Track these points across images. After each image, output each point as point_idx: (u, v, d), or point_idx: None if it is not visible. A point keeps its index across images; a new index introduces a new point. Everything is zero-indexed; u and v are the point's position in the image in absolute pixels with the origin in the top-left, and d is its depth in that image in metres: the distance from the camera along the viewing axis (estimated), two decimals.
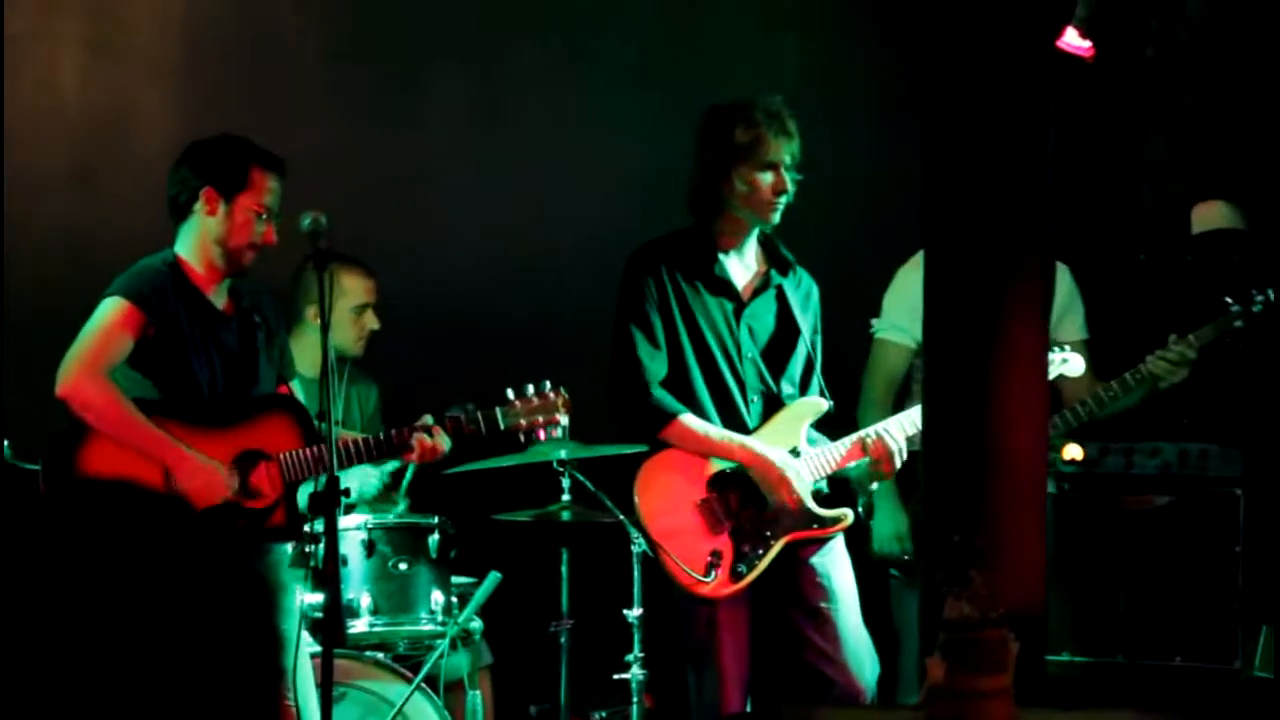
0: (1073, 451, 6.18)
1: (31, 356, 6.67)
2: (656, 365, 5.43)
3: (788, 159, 5.46)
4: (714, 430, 5.41)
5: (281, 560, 5.11)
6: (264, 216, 5.17)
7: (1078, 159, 7.12)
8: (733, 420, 5.46)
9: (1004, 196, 4.31)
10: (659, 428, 5.41)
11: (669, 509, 5.44)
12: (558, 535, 6.24)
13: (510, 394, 5.32)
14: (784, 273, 5.59)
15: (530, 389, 5.32)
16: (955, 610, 3.42)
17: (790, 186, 5.47)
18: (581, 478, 5.94)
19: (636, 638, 5.83)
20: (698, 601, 5.43)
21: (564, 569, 6.22)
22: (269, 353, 5.22)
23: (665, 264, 5.48)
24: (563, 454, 5.91)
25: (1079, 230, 6.97)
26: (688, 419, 5.41)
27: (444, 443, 5.23)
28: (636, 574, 5.80)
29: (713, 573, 5.38)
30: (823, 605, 5.48)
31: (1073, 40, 6.65)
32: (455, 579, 6.12)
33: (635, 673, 5.84)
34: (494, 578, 5.98)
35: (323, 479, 4.75)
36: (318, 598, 5.88)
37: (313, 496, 4.81)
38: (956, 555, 3.55)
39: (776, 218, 5.51)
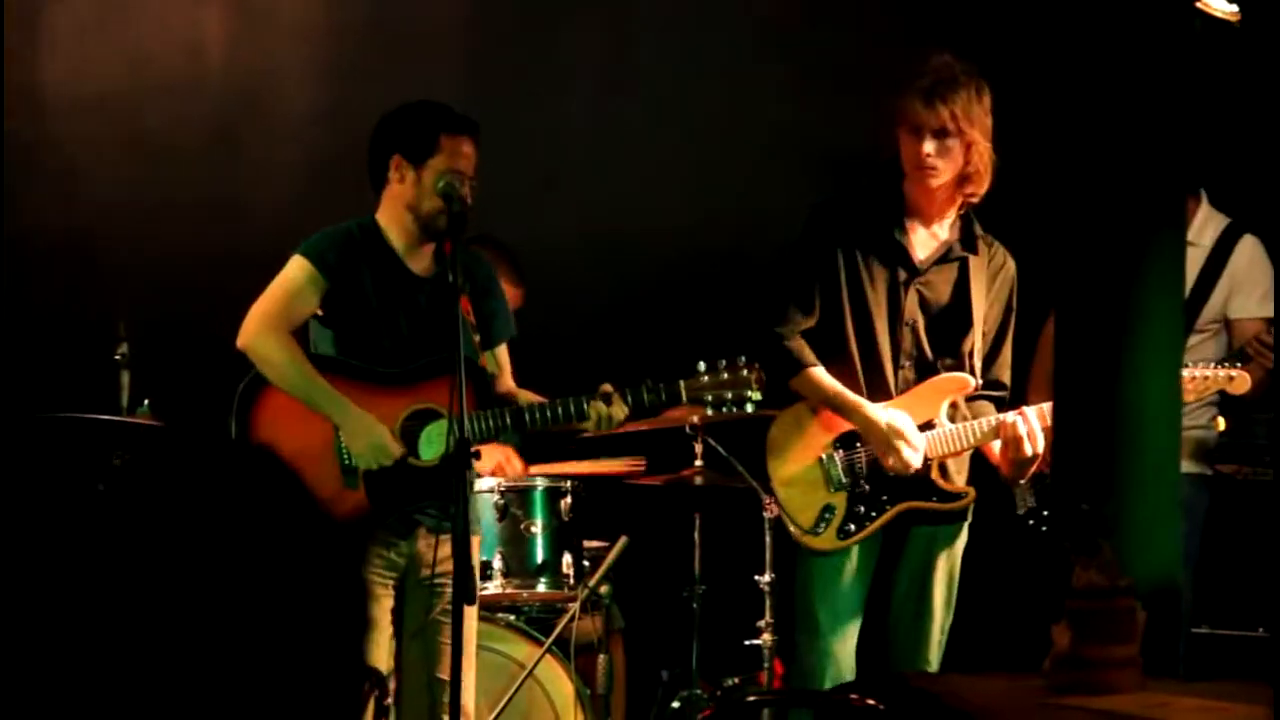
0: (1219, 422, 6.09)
1: (175, 317, 6.83)
2: (800, 316, 5.38)
3: (934, 124, 5.33)
4: (836, 388, 5.36)
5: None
6: (457, 180, 5.11)
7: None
8: (878, 384, 5.40)
9: (1137, 160, 4.22)
10: (788, 375, 5.39)
11: (793, 458, 5.42)
12: (690, 500, 6.25)
13: (701, 366, 5.19)
14: (972, 249, 5.47)
15: (722, 362, 5.20)
16: (1083, 578, 3.36)
17: (931, 154, 5.29)
18: (714, 443, 5.93)
19: (768, 604, 5.83)
20: (806, 555, 5.40)
21: (696, 534, 6.23)
22: (469, 316, 5.18)
23: (843, 221, 5.42)
24: (695, 419, 5.91)
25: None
26: (815, 372, 5.37)
27: (620, 412, 5.10)
28: (768, 540, 5.80)
29: (821, 527, 5.35)
30: (915, 591, 5.44)
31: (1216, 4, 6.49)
32: (586, 543, 6.12)
33: (766, 639, 5.84)
34: (624, 542, 5.98)
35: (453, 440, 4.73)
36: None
37: (444, 458, 4.82)
38: (1085, 523, 3.49)
39: (933, 184, 5.35)
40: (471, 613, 5.12)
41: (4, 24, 6.90)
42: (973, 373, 5.42)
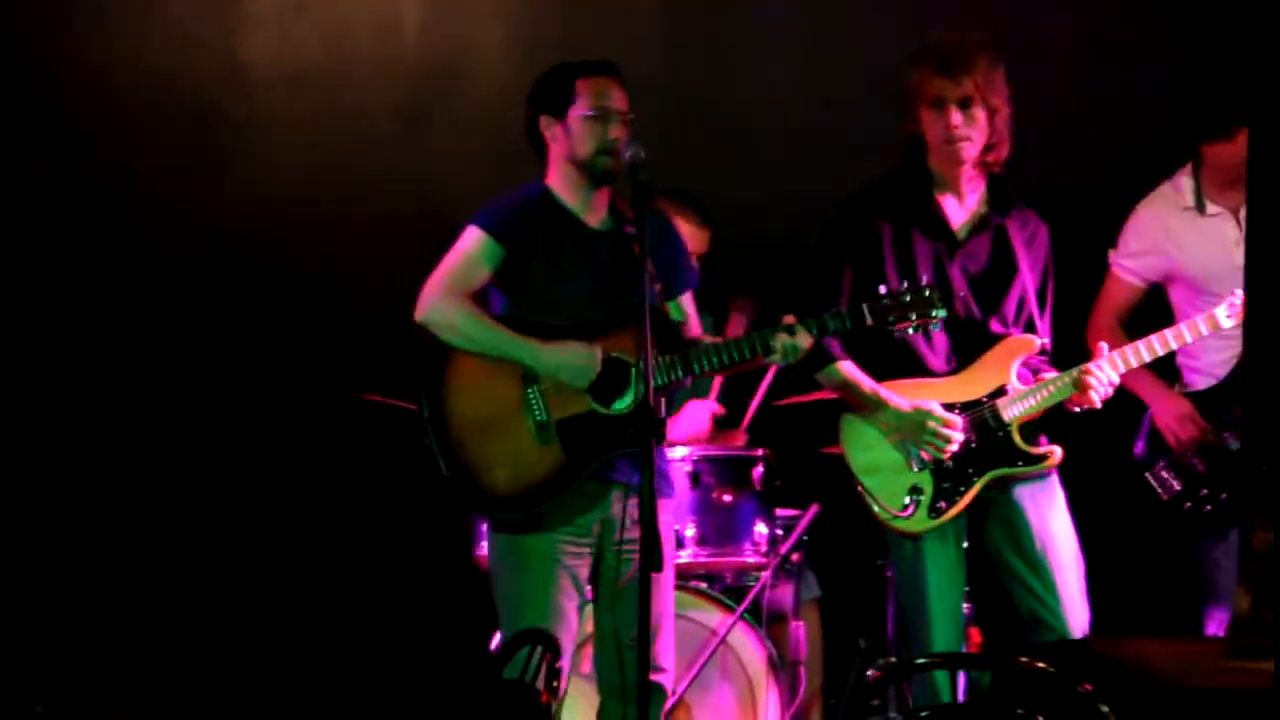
0: None
1: (367, 292, 6.96)
2: (832, 300, 5.33)
3: (958, 95, 5.32)
4: (864, 381, 5.36)
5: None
6: (603, 118, 5.17)
7: None
8: (938, 358, 5.39)
9: None
10: (815, 367, 5.37)
11: (872, 443, 5.39)
12: None
13: (882, 289, 5.15)
14: (1005, 213, 5.46)
15: (905, 284, 5.16)
16: (1261, 541, 3.32)
17: (958, 124, 5.32)
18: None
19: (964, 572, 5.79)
20: (902, 537, 5.36)
21: None
22: (647, 268, 5.22)
23: (878, 209, 5.42)
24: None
25: None
26: (842, 366, 5.36)
27: (804, 341, 5.07)
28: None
29: (912, 509, 5.30)
30: (1036, 548, 5.35)
31: None
32: (780, 511, 6.14)
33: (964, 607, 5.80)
34: (815, 511, 5.98)
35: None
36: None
37: (635, 409, 4.87)
38: (1266, 485, 3.44)
39: (964, 156, 5.37)
40: (667, 579, 5.17)
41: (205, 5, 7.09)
42: (1029, 332, 5.40)
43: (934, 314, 5.12)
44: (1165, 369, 5.96)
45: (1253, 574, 3.32)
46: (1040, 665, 3.58)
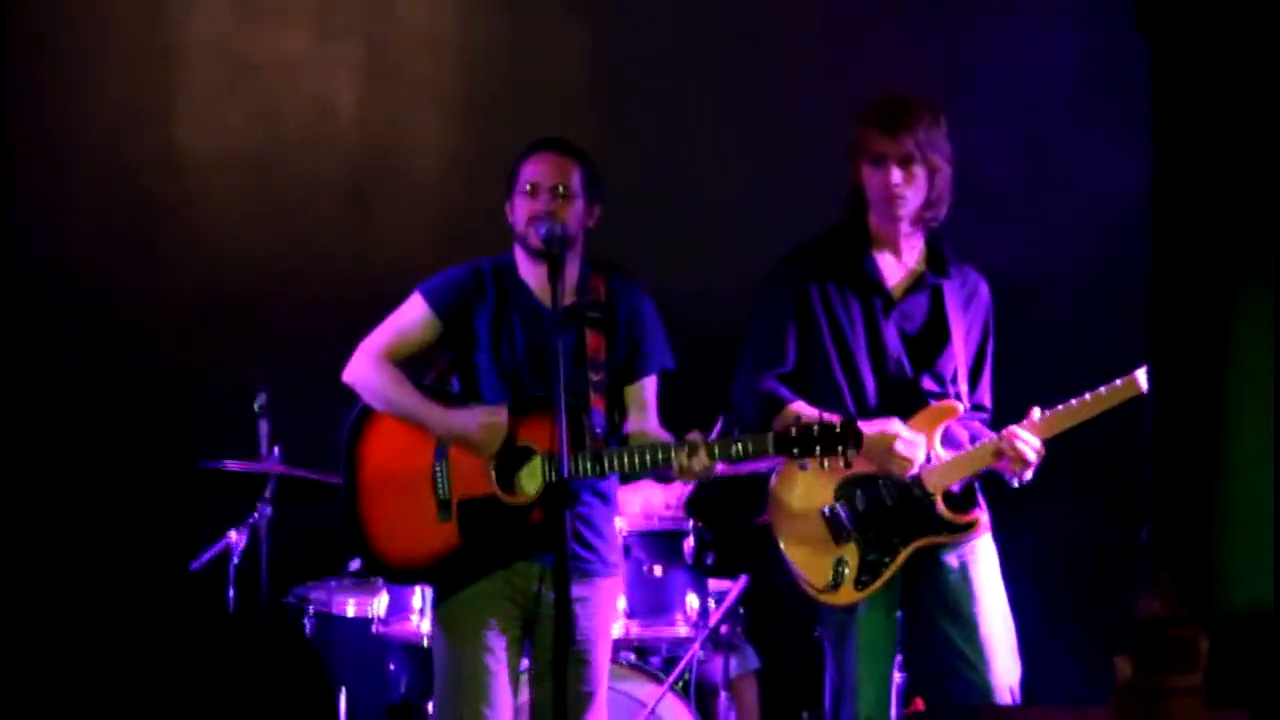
0: None
1: (312, 367, 6.98)
2: (772, 367, 5.35)
3: (898, 153, 5.31)
4: (819, 417, 5.30)
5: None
6: (532, 193, 5.18)
7: None
8: (867, 415, 5.33)
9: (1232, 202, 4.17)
10: (768, 414, 5.31)
11: (796, 517, 5.37)
12: None
13: (799, 418, 5.04)
14: (943, 273, 5.47)
15: (819, 420, 5.02)
16: (1145, 608, 3.33)
17: (898, 183, 5.31)
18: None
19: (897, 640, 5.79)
20: (833, 607, 5.36)
21: None
22: (600, 351, 5.22)
23: (812, 265, 5.41)
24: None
25: None
26: (795, 407, 5.28)
27: (699, 464, 5.00)
28: (897, 577, 5.77)
29: (838, 582, 5.30)
30: (964, 607, 5.36)
31: None
32: (714, 583, 6.15)
33: (895, 677, 5.79)
34: (744, 581, 6.00)
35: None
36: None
37: (544, 491, 4.89)
38: (1147, 553, 3.46)
39: (902, 213, 5.36)
40: (603, 655, 5.18)
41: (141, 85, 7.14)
42: (958, 397, 5.39)
43: (844, 452, 5.01)
44: None
45: (1136, 641, 3.33)
46: None
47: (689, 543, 6.05)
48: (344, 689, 6.22)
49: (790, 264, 5.46)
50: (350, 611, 6.34)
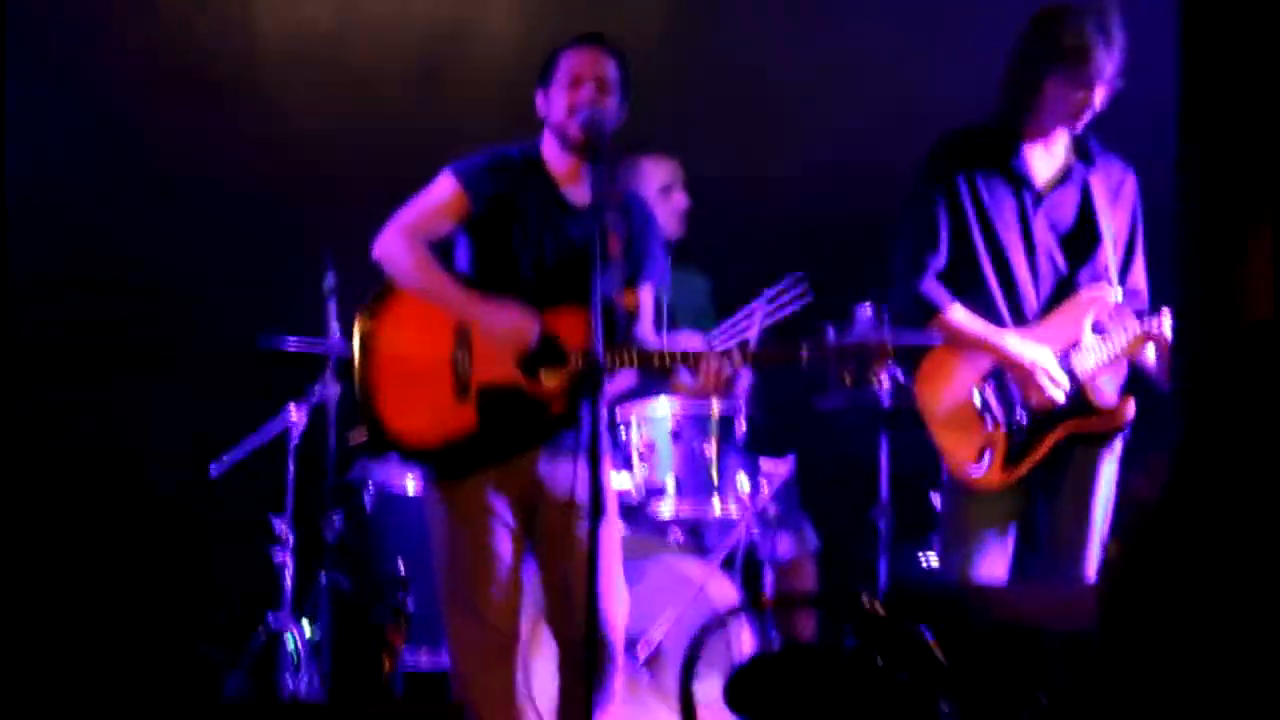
0: None
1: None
2: (929, 257, 5.35)
3: (1107, 73, 5.26)
4: (977, 326, 5.31)
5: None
6: (575, 85, 5.18)
7: None
8: (1020, 312, 5.35)
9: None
10: (925, 319, 5.35)
11: (946, 396, 5.38)
12: (876, 420, 6.26)
13: (831, 334, 5.02)
14: (1090, 162, 5.43)
15: (851, 338, 5.00)
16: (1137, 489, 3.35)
17: (1099, 105, 5.29)
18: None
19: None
20: (963, 489, 5.36)
21: (882, 454, 6.25)
22: (619, 252, 5.25)
23: (962, 156, 5.39)
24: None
25: None
26: (953, 312, 5.32)
27: (729, 368, 5.01)
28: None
29: (984, 463, 5.30)
30: (1081, 498, 5.32)
31: None
32: (765, 463, 6.18)
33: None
34: (791, 461, 6.03)
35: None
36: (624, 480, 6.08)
37: (575, 377, 4.91)
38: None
39: (1080, 127, 5.35)
40: (612, 536, 5.16)
41: None
42: (1110, 285, 5.33)
43: (874, 368, 4.98)
44: None
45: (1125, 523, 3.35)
46: (879, 608, 3.63)
47: (740, 424, 6.09)
48: (401, 560, 6.27)
49: (940, 154, 5.43)
50: (410, 489, 6.43)
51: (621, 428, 6.27)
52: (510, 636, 5.09)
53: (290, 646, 6.35)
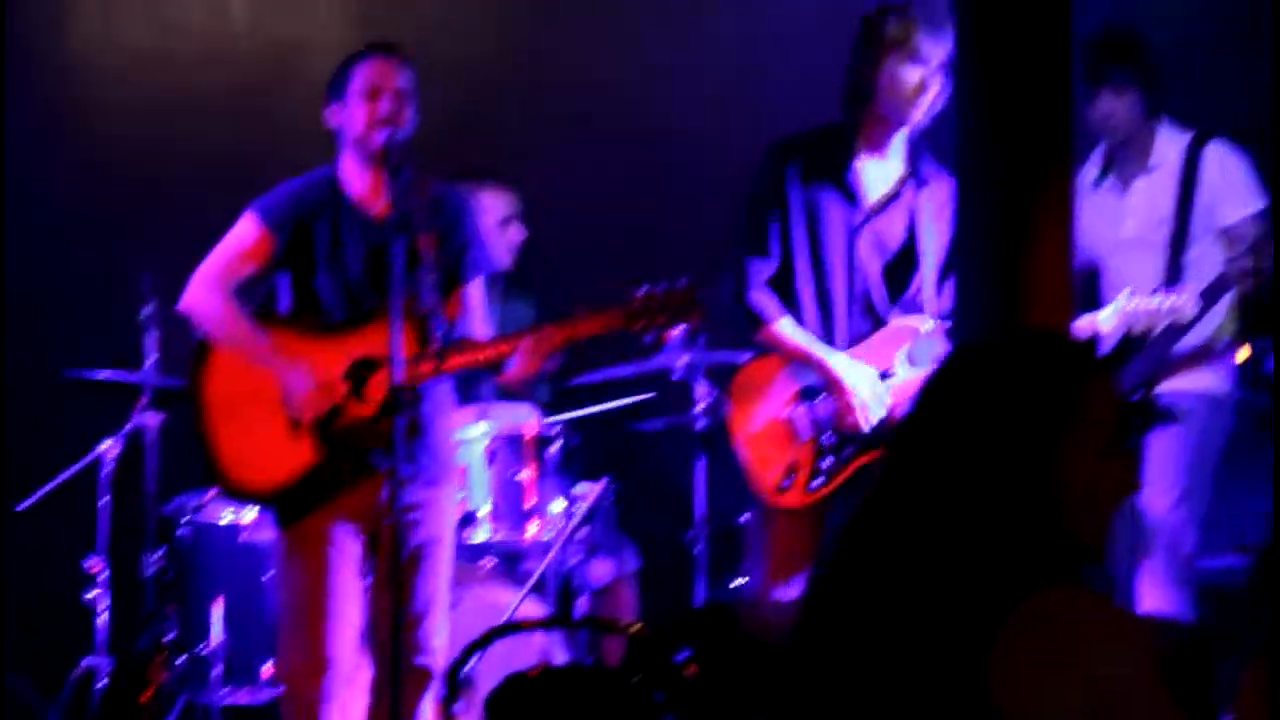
0: (1243, 354, 5.98)
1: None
2: (759, 267, 5.36)
3: (937, 58, 5.29)
4: (805, 340, 5.31)
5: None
6: (374, 96, 5.15)
7: None
8: (831, 330, 5.36)
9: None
10: (753, 329, 5.36)
11: (757, 412, 5.38)
12: (692, 443, 6.27)
13: (640, 292, 4.99)
14: (921, 182, 5.44)
15: (659, 288, 4.98)
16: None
17: (935, 87, 5.31)
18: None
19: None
20: (768, 509, 5.37)
21: (698, 477, 6.26)
22: (432, 255, 5.20)
23: (797, 160, 5.38)
24: (684, 359, 5.96)
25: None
26: (782, 325, 5.33)
27: (543, 353, 4.97)
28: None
29: (788, 483, 5.31)
30: None
31: None
32: (579, 487, 6.19)
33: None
34: (604, 484, 6.04)
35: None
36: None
37: (384, 400, 4.89)
38: None
39: (919, 116, 5.37)
40: (441, 562, 5.17)
41: None
42: (923, 312, 5.36)
43: (682, 317, 4.97)
44: None
45: None
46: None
47: (555, 447, 6.09)
48: (222, 598, 6.23)
49: (776, 157, 5.41)
50: (224, 520, 6.36)
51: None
52: (349, 670, 5.06)
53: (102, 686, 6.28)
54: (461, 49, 7.24)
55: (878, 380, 5.27)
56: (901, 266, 5.39)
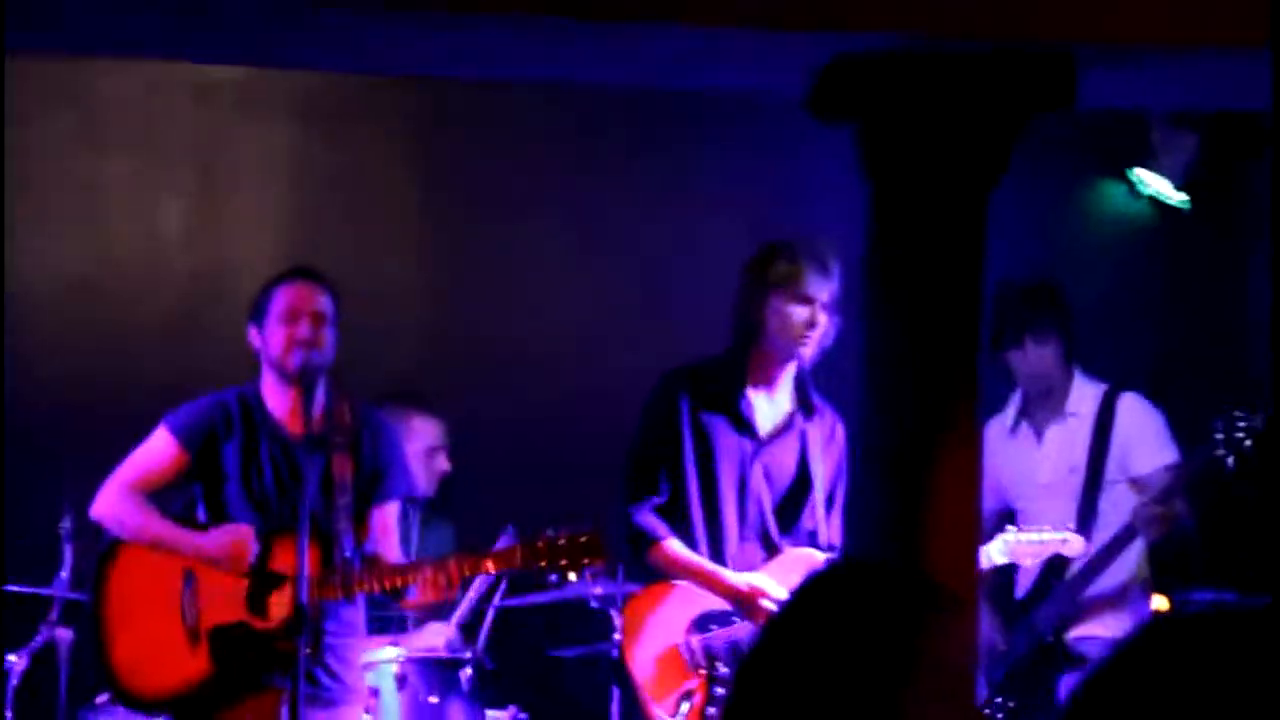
0: (1157, 603, 6.04)
1: None
2: (648, 494, 5.39)
3: (824, 296, 5.40)
4: (696, 559, 5.35)
5: None
6: (293, 320, 5.26)
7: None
8: (722, 557, 5.39)
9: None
10: (642, 551, 5.38)
11: (651, 641, 5.39)
12: (608, 673, 6.23)
13: (545, 535, 5.12)
14: (810, 415, 5.51)
15: (561, 532, 5.11)
16: None
17: (822, 322, 5.40)
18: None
19: None
20: None
21: (613, 706, 6.21)
22: (348, 477, 5.23)
23: (689, 390, 5.46)
24: (599, 589, 5.95)
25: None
26: (671, 545, 5.36)
27: (444, 582, 5.05)
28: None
29: (682, 711, 5.29)
30: None
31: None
32: (490, 714, 6.13)
33: None
34: (512, 713, 6.00)
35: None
36: None
37: (287, 621, 4.88)
38: None
39: (808, 353, 5.45)
40: None
41: None
42: (812, 542, 5.39)
43: (584, 561, 5.08)
44: None
45: None
46: None
47: (466, 673, 6.05)
48: None
49: (669, 386, 5.49)
50: None
51: None
52: None
53: None
54: (383, 278, 7.32)
55: (775, 587, 5.27)
56: (793, 498, 5.46)
